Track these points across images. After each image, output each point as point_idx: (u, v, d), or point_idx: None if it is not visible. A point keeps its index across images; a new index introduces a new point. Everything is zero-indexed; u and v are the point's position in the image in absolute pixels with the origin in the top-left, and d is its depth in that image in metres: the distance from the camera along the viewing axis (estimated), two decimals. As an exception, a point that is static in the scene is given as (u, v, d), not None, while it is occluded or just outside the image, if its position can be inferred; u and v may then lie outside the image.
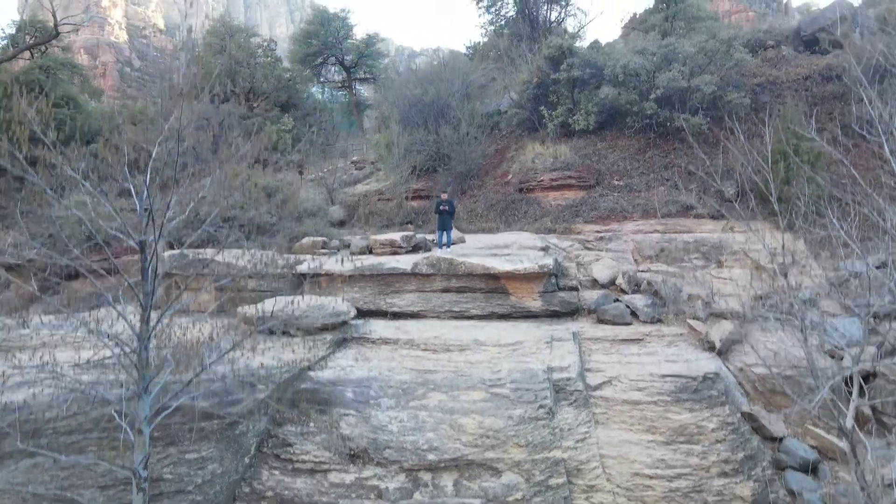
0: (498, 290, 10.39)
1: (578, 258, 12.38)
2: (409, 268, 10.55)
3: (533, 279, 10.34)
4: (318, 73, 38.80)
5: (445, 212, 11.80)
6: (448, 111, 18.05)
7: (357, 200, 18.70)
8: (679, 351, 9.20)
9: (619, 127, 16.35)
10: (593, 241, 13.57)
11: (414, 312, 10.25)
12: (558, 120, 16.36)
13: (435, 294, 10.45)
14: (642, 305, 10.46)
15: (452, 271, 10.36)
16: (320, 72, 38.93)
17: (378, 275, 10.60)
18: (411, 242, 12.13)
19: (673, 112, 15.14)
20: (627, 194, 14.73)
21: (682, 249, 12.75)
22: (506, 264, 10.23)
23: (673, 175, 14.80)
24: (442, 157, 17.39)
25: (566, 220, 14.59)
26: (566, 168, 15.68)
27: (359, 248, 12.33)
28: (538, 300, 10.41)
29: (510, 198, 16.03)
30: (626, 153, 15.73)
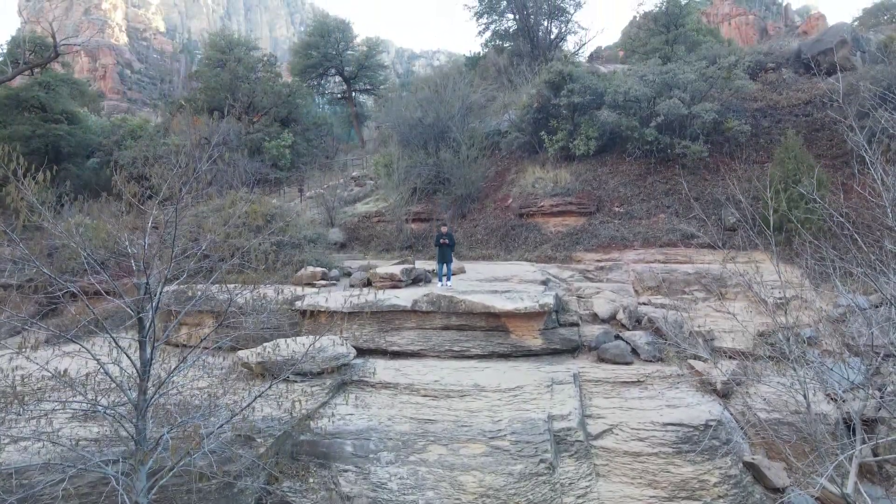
0: (498, 329, 10.34)
1: (579, 291, 12.33)
2: (408, 305, 10.50)
3: (533, 317, 10.29)
4: (319, 84, 38.89)
5: (446, 245, 11.76)
6: (448, 133, 18.05)
7: (357, 222, 18.68)
8: (680, 394, 9.15)
9: (620, 152, 16.33)
10: (594, 270, 13.53)
11: (414, 351, 10.19)
12: (558, 145, 16.35)
13: (435, 332, 10.40)
14: (643, 343, 10.41)
15: (452, 309, 10.32)
16: (320, 83, 39.01)
17: (378, 312, 10.55)
18: (411, 276, 12.09)
19: (674, 138, 15.13)
20: (628, 221, 14.69)
21: (682, 281, 12.71)
22: (506, 302, 10.19)
23: (674, 202, 14.77)
24: (442, 180, 17.38)
25: (566, 248, 14.55)
26: (566, 194, 15.65)
27: (358, 280, 12.28)
28: (539, 338, 10.36)
29: (510, 223, 15.99)
30: (627, 179, 15.70)
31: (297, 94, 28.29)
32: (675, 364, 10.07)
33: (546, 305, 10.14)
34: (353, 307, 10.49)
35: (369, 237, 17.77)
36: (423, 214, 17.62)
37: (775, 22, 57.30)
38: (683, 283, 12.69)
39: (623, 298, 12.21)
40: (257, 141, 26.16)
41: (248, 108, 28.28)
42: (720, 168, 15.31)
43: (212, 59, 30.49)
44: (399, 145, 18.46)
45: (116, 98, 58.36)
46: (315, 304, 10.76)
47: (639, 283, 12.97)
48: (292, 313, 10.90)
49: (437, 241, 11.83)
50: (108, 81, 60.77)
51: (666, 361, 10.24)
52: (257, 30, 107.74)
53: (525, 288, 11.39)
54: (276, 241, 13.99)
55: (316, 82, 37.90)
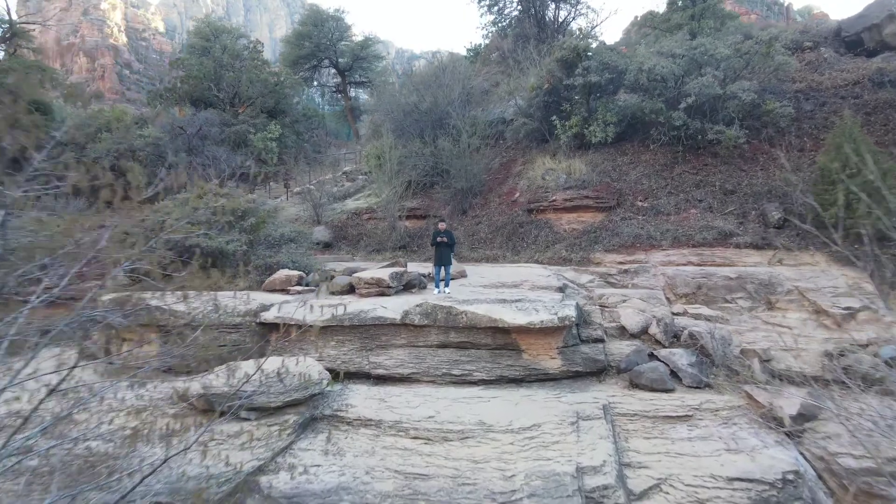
0: (508, 347, 8.42)
1: (602, 299, 10.40)
2: (398, 317, 8.59)
3: (551, 333, 8.36)
4: (312, 76, 36.99)
5: (444, 244, 9.87)
6: (447, 120, 16.14)
7: (345, 220, 16.75)
8: (740, 433, 7.19)
9: (642, 139, 14.41)
10: (616, 274, 11.60)
11: (403, 375, 8.27)
12: (572, 131, 14.43)
13: (430, 351, 8.47)
14: (685, 365, 8.47)
15: (452, 322, 8.39)
16: (314, 75, 37.11)
17: (360, 326, 8.63)
18: (402, 280, 10.17)
19: (704, 123, 13.19)
20: (654, 218, 12.76)
21: (723, 287, 10.78)
22: (518, 314, 8.26)
23: (706, 196, 12.84)
24: (440, 172, 15.47)
25: (583, 249, 12.62)
26: (582, 186, 13.73)
27: (340, 286, 10.36)
28: (557, 358, 8.43)
29: (518, 220, 14.07)
30: (651, 169, 13.77)
31: (286, 83, 26.35)
32: (728, 392, 8.13)
33: (567, 318, 8.22)
34: (330, 320, 8.59)
35: (358, 236, 15.85)
36: (419, 210, 15.71)
37: (777, 22, 55.66)
38: (724, 289, 10.76)
39: (654, 308, 10.28)
40: (242, 133, 24.25)
41: (233, 99, 26.38)
42: (758, 157, 13.40)
43: (196, 47, 28.63)
44: (392, 134, 16.55)
45: (116, 98, 56.78)
46: (284, 315, 8.84)
47: (671, 290, 11.04)
48: (257, 328, 8.97)
49: (434, 239, 9.93)
50: (106, 82, 59.28)
51: (715, 388, 8.29)
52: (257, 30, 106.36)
53: (539, 296, 9.47)
54: (247, 241, 12.08)
55: (309, 74, 36.06)
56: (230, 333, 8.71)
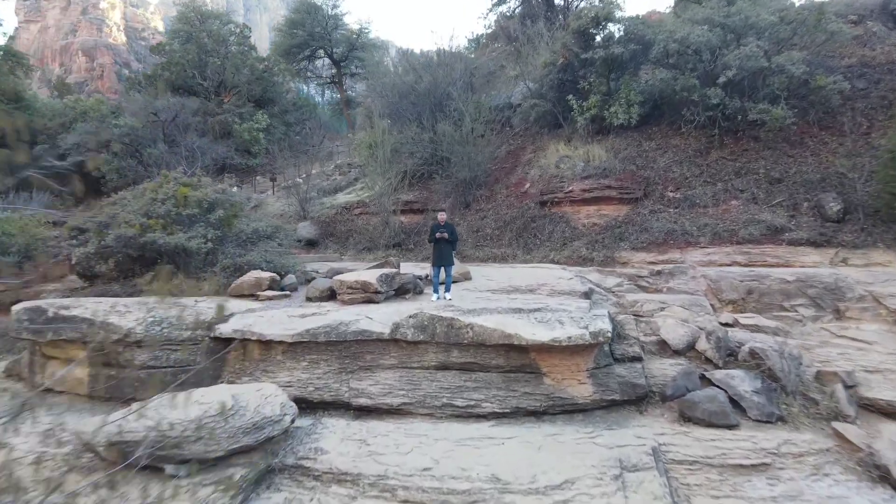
0: (525, 370, 6.64)
1: (635, 307, 8.62)
2: (386, 331, 6.82)
3: (580, 352, 6.59)
4: (306, 68, 35.27)
5: (444, 240, 8.10)
6: (447, 103, 14.38)
7: (334, 215, 14.99)
8: (838, 489, 5.42)
9: (671, 121, 12.64)
10: (648, 276, 9.82)
11: (392, 407, 6.49)
12: (590, 112, 12.65)
13: (426, 374, 6.70)
14: (749, 392, 6.69)
15: (454, 338, 6.63)
16: (308, 66, 35.39)
17: (339, 342, 6.86)
18: (393, 284, 8.39)
19: (744, 101, 11.42)
20: (689, 210, 10.99)
21: (779, 292, 9.01)
22: (538, 328, 6.49)
23: (749, 185, 11.06)
24: (440, 161, 13.71)
25: (606, 246, 10.85)
26: (602, 175, 11.96)
27: (319, 291, 8.59)
28: (587, 383, 6.66)
29: (529, 214, 12.30)
30: (683, 155, 12.00)
31: (275, 69, 24.59)
32: (807, 428, 6.34)
33: (602, 334, 6.45)
34: (301, 334, 6.83)
35: (347, 233, 14.10)
36: (417, 204, 13.95)
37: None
38: (780, 294, 8.99)
39: (698, 317, 8.51)
40: (226, 123, 22.52)
41: (218, 87, 24.64)
42: (806, 140, 11.62)
43: (181, 32, 26.88)
44: (387, 120, 14.80)
45: (115, 98, 55.41)
46: (244, 328, 7.08)
47: (715, 295, 9.27)
48: (211, 344, 7.19)
49: (433, 234, 8.16)
50: (105, 81, 57.90)
51: (790, 423, 6.51)
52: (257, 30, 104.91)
53: (561, 303, 7.70)
54: (214, 237, 10.33)
55: (303, 66, 34.34)
56: (175, 351, 6.94)
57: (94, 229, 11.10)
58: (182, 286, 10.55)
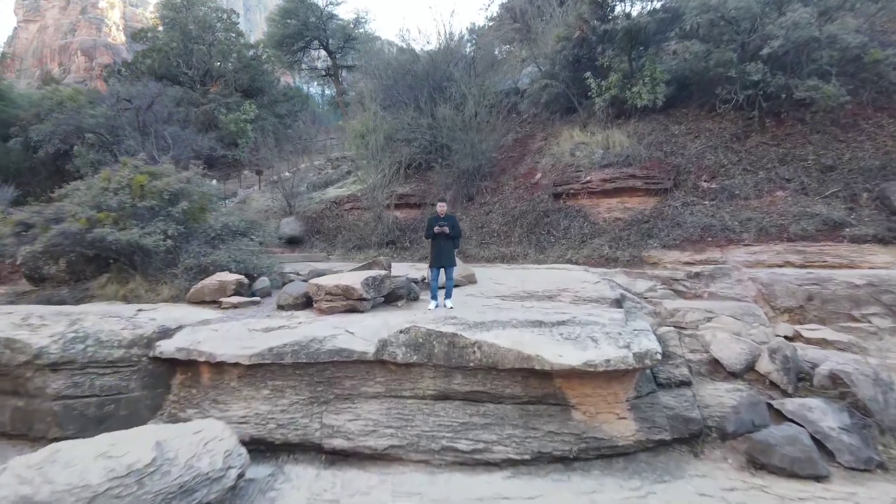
0: (548, 401, 5.16)
1: (676, 316, 7.13)
2: (370, 350, 5.33)
3: (618, 378, 5.11)
4: (300, 59, 33.79)
5: (444, 236, 6.62)
6: (448, 86, 12.91)
7: (322, 210, 13.52)
8: None
9: (703, 102, 11.16)
10: (685, 279, 8.33)
11: (377, 452, 5.00)
12: (610, 93, 11.18)
13: (422, 406, 5.22)
14: (836, 429, 5.19)
15: (457, 360, 5.15)
16: (302, 58, 33.90)
17: (310, 364, 5.37)
18: (382, 289, 6.89)
19: (789, 78, 9.94)
20: (727, 203, 9.51)
21: (846, 298, 7.51)
22: (565, 348, 5.01)
23: (797, 173, 9.57)
24: (439, 149, 12.26)
25: (632, 244, 9.37)
26: (624, 163, 10.49)
27: (292, 298, 7.10)
28: (628, 417, 5.18)
29: (541, 207, 10.83)
30: (717, 140, 10.52)
31: (264, 57, 23.12)
32: (921, 480, 4.86)
33: (649, 355, 4.97)
34: (262, 354, 5.35)
35: (336, 229, 12.63)
36: (413, 198, 12.48)
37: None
38: (848, 301, 7.49)
39: (752, 329, 7.02)
40: (211, 113, 21.05)
41: (204, 76, 23.17)
42: (860, 122, 10.13)
43: (166, 19, 25.40)
44: (382, 104, 13.33)
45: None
46: (191, 346, 5.59)
47: (767, 302, 7.78)
48: (151, 366, 5.70)
49: (431, 228, 6.67)
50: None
51: (893, 470, 5.03)
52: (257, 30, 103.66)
53: (590, 314, 6.20)
54: (176, 232, 8.85)
55: (297, 57, 32.85)
56: (103, 376, 5.45)
57: (40, 224, 9.63)
58: (139, 290, 9.10)
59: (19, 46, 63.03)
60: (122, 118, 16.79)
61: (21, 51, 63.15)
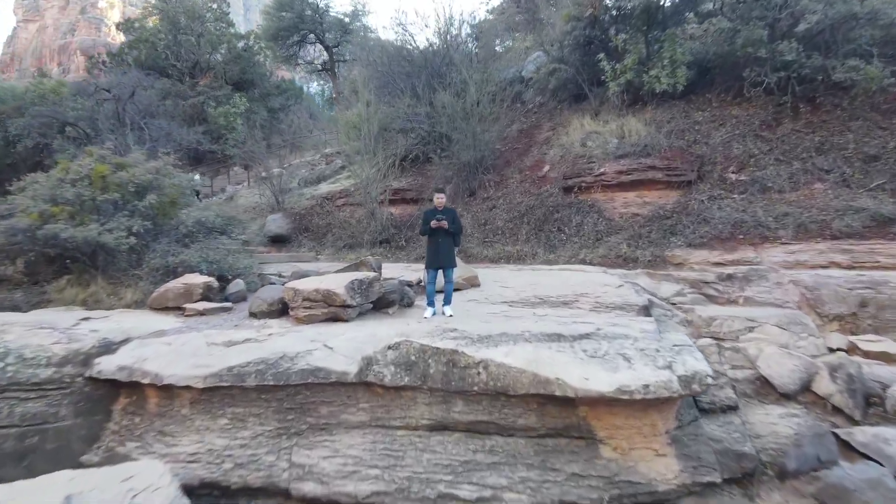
0: (570, 433, 4.18)
1: (712, 326, 6.15)
2: (352, 369, 4.36)
3: (656, 406, 4.13)
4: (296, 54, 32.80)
5: (443, 231, 5.64)
6: (448, 72, 11.93)
7: (311, 206, 12.55)
8: None
9: (728, 86, 10.18)
10: (716, 282, 7.34)
11: (358, 501, 4.01)
12: (625, 77, 10.20)
13: (415, 439, 4.24)
14: (925, 468, 4.21)
15: (458, 383, 4.18)
16: (298, 52, 32.91)
17: (278, 387, 4.39)
18: (369, 293, 5.90)
19: (827, 59, 8.97)
20: (759, 196, 8.54)
21: (906, 304, 6.54)
22: (593, 368, 4.04)
23: (837, 163, 8.59)
24: (438, 139, 11.29)
25: (654, 242, 8.39)
26: (642, 153, 9.50)
27: (266, 305, 6.12)
28: (668, 453, 4.20)
29: (550, 202, 9.85)
30: (746, 128, 9.53)
31: (256, 48, 22.15)
32: None
33: (698, 379, 4.01)
34: (220, 375, 4.38)
35: (326, 227, 11.66)
36: (410, 193, 11.51)
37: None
38: (908, 307, 6.52)
39: (800, 340, 6.05)
40: (199, 106, 20.07)
41: (193, 68, 22.19)
42: (900, 108, 9.15)
43: (155, 9, 24.42)
44: (376, 93, 12.34)
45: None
46: (135, 364, 4.61)
47: (812, 308, 6.80)
48: (88, 389, 4.71)
49: (427, 223, 5.68)
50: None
51: None
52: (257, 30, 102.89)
53: (614, 323, 5.20)
54: (142, 229, 7.88)
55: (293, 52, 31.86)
56: (27, 401, 4.47)
57: (-8, 220, 8.64)
58: (100, 294, 8.12)
59: (19, 46, 62.30)
60: (103, 110, 15.81)
61: (21, 51, 62.40)
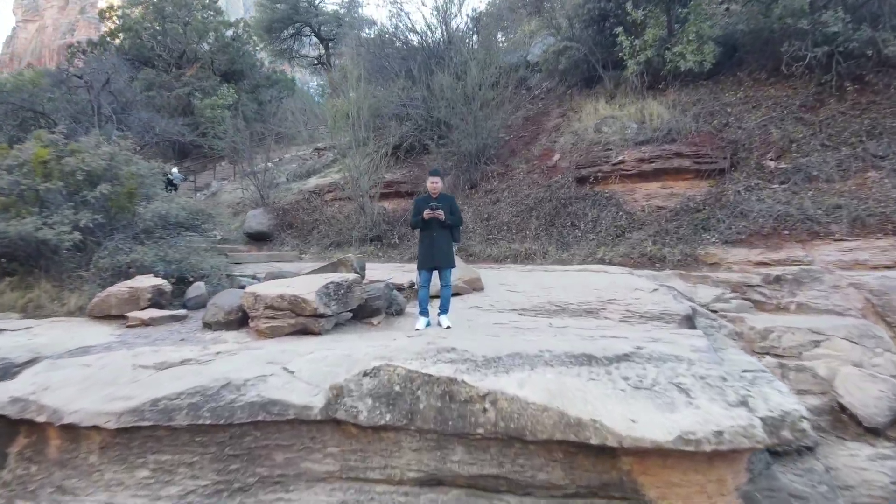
0: (610, 493, 3.06)
1: (768, 340, 5.05)
2: (317, 402, 3.26)
3: (725, 457, 3.01)
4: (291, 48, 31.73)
5: (439, 223, 4.55)
6: (447, 53, 10.84)
7: (297, 201, 11.46)
8: None
9: (761, 65, 9.09)
10: (761, 285, 6.24)
11: (316, 590, 2.92)
12: (645, 54, 9.11)
13: (399, 498, 3.14)
14: None
15: (457, 423, 3.07)
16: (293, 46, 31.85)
17: (221, 426, 3.29)
18: (349, 301, 4.79)
19: (876, 31, 7.88)
20: (804, 186, 7.44)
21: None
22: (639, 405, 2.93)
23: (892, 148, 7.48)
24: (436, 125, 10.19)
25: (683, 239, 7.30)
26: (666, 139, 8.42)
27: (221, 314, 5.01)
28: (739, 518, 3.07)
29: (561, 195, 8.76)
30: (784, 111, 8.44)
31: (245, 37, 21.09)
32: None
33: (788, 421, 2.94)
34: (140, 411, 3.26)
35: (312, 223, 10.59)
36: (405, 185, 10.44)
37: None
38: None
39: (875, 356, 4.95)
40: (185, 98, 19.01)
41: (179, 59, 21.13)
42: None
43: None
44: (368, 79, 11.26)
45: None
46: (32, 395, 3.50)
47: (882, 316, 5.69)
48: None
49: (418, 213, 4.59)
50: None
51: None
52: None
53: (653, 338, 4.09)
54: (93, 224, 6.80)
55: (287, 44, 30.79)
56: None
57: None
58: (42, 299, 7.05)
59: (18, 46, 61.45)
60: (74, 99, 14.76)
61: (20, 51, 61.54)
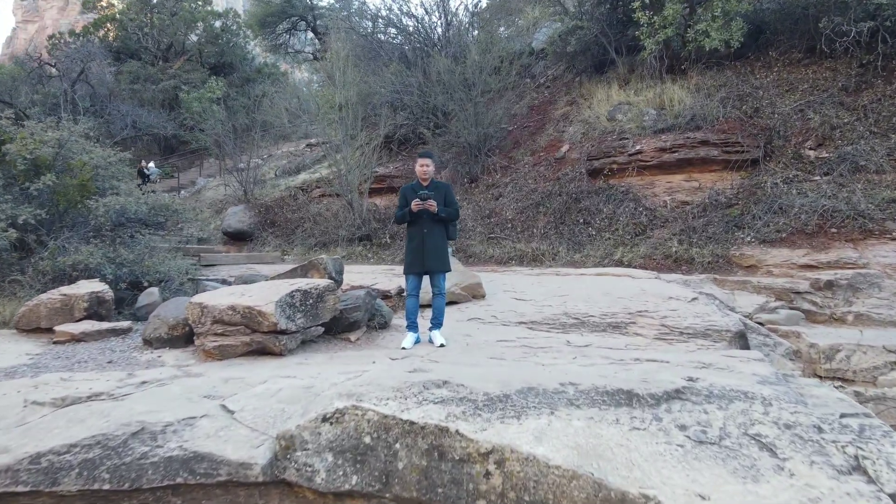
0: None
1: (835, 361, 4.15)
2: (259, 457, 2.34)
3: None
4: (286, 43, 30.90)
5: (430, 216, 3.63)
6: (445, 36, 9.94)
7: (282, 198, 10.57)
8: None
9: (794, 43, 8.19)
10: (810, 291, 5.34)
11: None
12: (664, 33, 8.21)
13: None
14: None
15: (448, 491, 2.15)
16: (288, 41, 31.02)
17: (124, 493, 2.37)
18: (319, 313, 3.88)
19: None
20: (850, 178, 6.54)
21: None
22: (708, 472, 2.00)
23: (950, 135, 6.57)
24: (433, 114, 9.29)
25: (713, 238, 6.40)
26: (691, 125, 7.52)
27: (166, 328, 4.11)
28: None
29: (572, 189, 7.86)
30: (823, 94, 7.55)
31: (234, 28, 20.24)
32: None
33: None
34: (15, 473, 2.29)
35: (297, 222, 9.70)
36: (397, 180, 9.57)
37: None
38: None
39: (965, 382, 4.04)
40: (172, 91, 18.15)
41: (167, 51, 20.27)
42: None
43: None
44: (357, 62, 10.37)
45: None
46: None
47: (960, 330, 4.78)
48: None
49: (406, 203, 3.68)
50: None
51: None
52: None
53: (703, 362, 3.18)
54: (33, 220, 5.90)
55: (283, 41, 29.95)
56: None
57: None
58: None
59: (18, 47, 60.88)
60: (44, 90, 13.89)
61: (20, 51, 61.01)
